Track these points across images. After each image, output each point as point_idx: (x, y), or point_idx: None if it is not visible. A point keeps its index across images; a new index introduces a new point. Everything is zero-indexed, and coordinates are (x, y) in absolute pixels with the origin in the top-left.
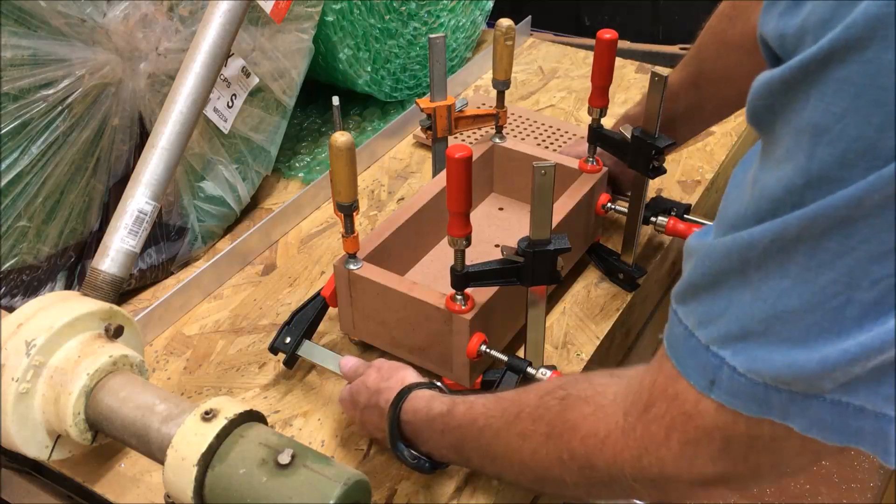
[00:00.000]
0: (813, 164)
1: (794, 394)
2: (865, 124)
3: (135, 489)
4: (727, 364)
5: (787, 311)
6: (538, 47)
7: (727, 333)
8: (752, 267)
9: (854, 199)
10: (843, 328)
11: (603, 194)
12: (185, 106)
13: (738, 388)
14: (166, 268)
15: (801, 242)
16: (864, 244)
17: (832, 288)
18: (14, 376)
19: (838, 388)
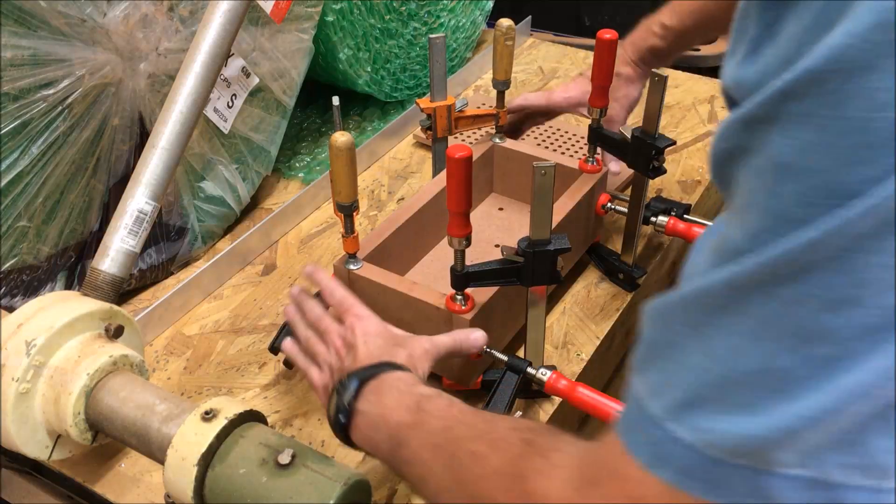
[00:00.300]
0: (774, 203)
1: (747, 469)
2: (829, 158)
3: (135, 489)
4: (677, 438)
5: (740, 373)
6: (538, 47)
7: (677, 401)
8: (704, 322)
9: (812, 243)
10: (796, 389)
11: (603, 194)
12: (185, 106)
13: (690, 465)
14: (166, 268)
15: (756, 290)
16: (822, 291)
17: (786, 342)
18: (14, 376)
19: (802, 459)
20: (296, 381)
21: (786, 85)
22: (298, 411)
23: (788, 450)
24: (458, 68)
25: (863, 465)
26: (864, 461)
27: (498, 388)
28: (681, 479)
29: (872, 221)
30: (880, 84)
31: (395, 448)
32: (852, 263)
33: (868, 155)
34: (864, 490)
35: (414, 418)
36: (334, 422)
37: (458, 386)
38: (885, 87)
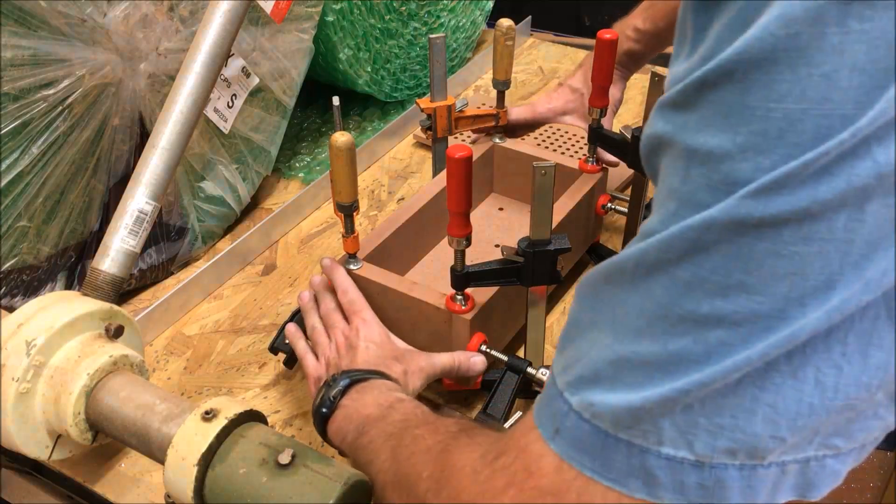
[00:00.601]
0: (685, 187)
1: (632, 445)
2: (731, 144)
3: (135, 489)
4: (573, 409)
5: (637, 354)
6: (538, 47)
7: (580, 377)
8: (614, 301)
9: (707, 224)
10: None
11: (603, 194)
12: (185, 106)
13: (580, 436)
14: (166, 268)
15: (657, 271)
16: (715, 275)
17: (682, 326)
18: (14, 376)
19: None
20: (296, 381)
21: (703, 74)
22: (298, 411)
23: (665, 425)
24: (458, 68)
25: (738, 447)
26: (739, 443)
27: (498, 388)
28: (571, 451)
29: (759, 209)
30: (780, 76)
31: (357, 437)
32: (741, 249)
33: (763, 144)
34: (740, 469)
35: (380, 412)
36: (316, 411)
37: (458, 386)
38: (785, 80)
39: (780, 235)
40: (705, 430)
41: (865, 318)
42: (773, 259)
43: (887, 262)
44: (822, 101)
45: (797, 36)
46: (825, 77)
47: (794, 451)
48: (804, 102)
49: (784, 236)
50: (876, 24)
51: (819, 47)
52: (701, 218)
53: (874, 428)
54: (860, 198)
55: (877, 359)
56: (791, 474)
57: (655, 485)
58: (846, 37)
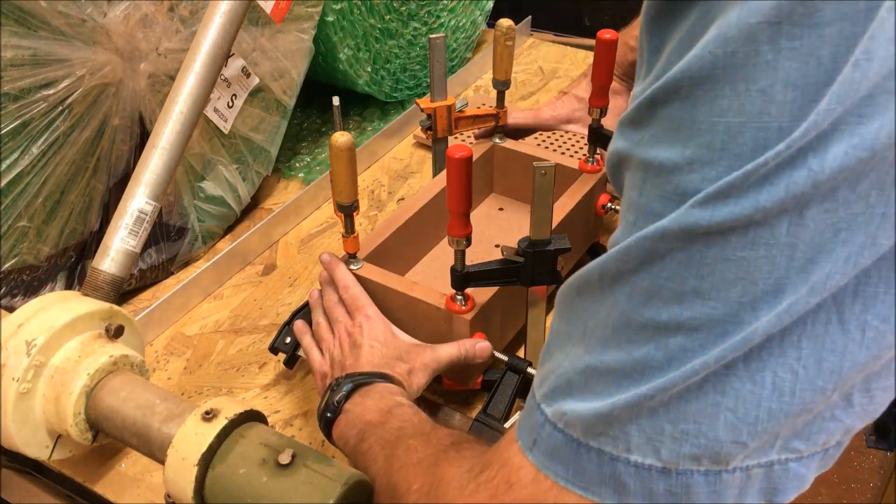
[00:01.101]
0: (641, 198)
1: (602, 453)
2: (680, 157)
3: (135, 489)
4: (548, 420)
5: (603, 363)
6: (538, 47)
7: (554, 388)
8: (583, 312)
9: (660, 232)
10: (645, 379)
11: (603, 194)
12: (185, 106)
13: (554, 445)
14: (166, 268)
15: (617, 281)
16: (670, 282)
17: (643, 334)
18: (14, 376)
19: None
20: (296, 381)
21: (653, 92)
22: (298, 411)
23: (633, 431)
24: (458, 68)
25: (702, 452)
26: (703, 449)
27: (498, 388)
28: (546, 461)
29: (705, 218)
30: (721, 92)
31: (357, 443)
32: (692, 256)
33: (708, 156)
34: (706, 475)
35: (381, 419)
36: (321, 416)
37: (458, 386)
38: (725, 95)
39: (727, 242)
40: (671, 436)
41: (818, 322)
42: (724, 265)
43: (831, 265)
44: (760, 115)
45: (734, 54)
46: (761, 92)
47: (757, 456)
48: (743, 116)
49: (731, 243)
50: (805, 41)
51: (754, 64)
52: (654, 228)
53: (833, 430)
54: (799, 204)
55: (830, 362)
56: (756, 479)
57: (625, 492)
58: (778, 54)
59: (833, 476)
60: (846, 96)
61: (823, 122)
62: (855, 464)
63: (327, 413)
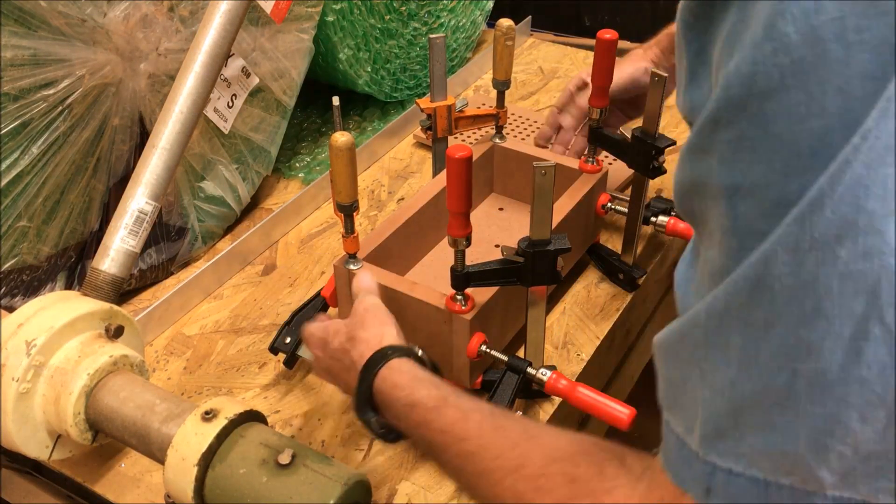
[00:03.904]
0: (738, 221)
1: (795, 490)
2: (770, 171)
3: (135, 489)
4: (719, 468)
5: (745, 399)
6: (538, 47)
7: (707, 435)
8: (699, 356)
9: (764, 257)
10: (798, 405)
11: (603, 194)
12: (185, 106)
13: (736, 490)
14: (166, 268)
15: (732, 316)
16: (789, 306)
17: (775, 363)
18: (14, 376)
19: (838, 482)
20: (296, 381)
21: (713, 114)
22: (298, 411)
23: (827, 469)
24: (458, 68)
25: (890, 489)
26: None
27: (498, 389)
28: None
29: (807, 233)
30: (797, 99)
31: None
32: (804, 276)
33: (801, 164)
34: None
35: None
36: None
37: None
38: (802, 102)
39: (838, 257)
40: (863, 473)
41: None
42: (840, 281)
43: None
44: (843, 114)
45: (802, 60)
46: (839, 90)
47: None
48: (825, 118)
49: (843, 257)
50: (873, 31)
51: (825, 64)
52: (759, 255)
53: None
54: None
55: None
56: None
57: None
58: (849, 49)
59: None
60: None
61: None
62: None
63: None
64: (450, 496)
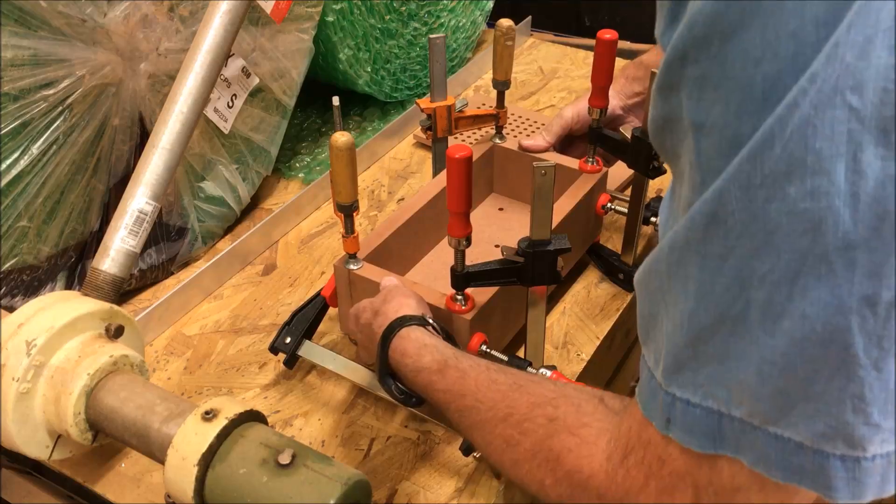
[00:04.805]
0: (701, 157)
1: (745, 423)
2: (727, 112)
3: (135, 489)
4: (678, 398)
5: (702, 329)
6: (538, 47)
7: (668, 367)
8: (664, 288)
9: (718, 193)
10: (752, 333)
11: (603, 194)
12: (185, 106)
13: (692, 421)
14: (166, 268)
15: (690, 250)
16: (741, 240)
17: (730, 293)
18: (14, 376)
19: (777, 416)
20: (296, 381)
21: (680, 50)
22: (298, 411)
23: (770, 403)
24: (458, 68)
25: (834, 433)
26: (834, 430)
27: None
28: (686, 436)
29: (758, 169)
30: (752, 42)
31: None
32: (755, 211)
33: (754, 107)
34: (843, 460)
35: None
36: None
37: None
38: (756, 45)
39: (786, 195)
40: (803, 414)
41: None
42: (789, 219)
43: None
44: (794, 59)
45: (760, 3)
46: (793, 36)
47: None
48: (778, 63)
49: (791, 195)
50: None
51: (782, 9)
52: (713, 190)
53: None
54: (851, 147)
55: None
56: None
57: (769, 462)
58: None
59: None
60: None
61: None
62: None
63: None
64: (450, 496)
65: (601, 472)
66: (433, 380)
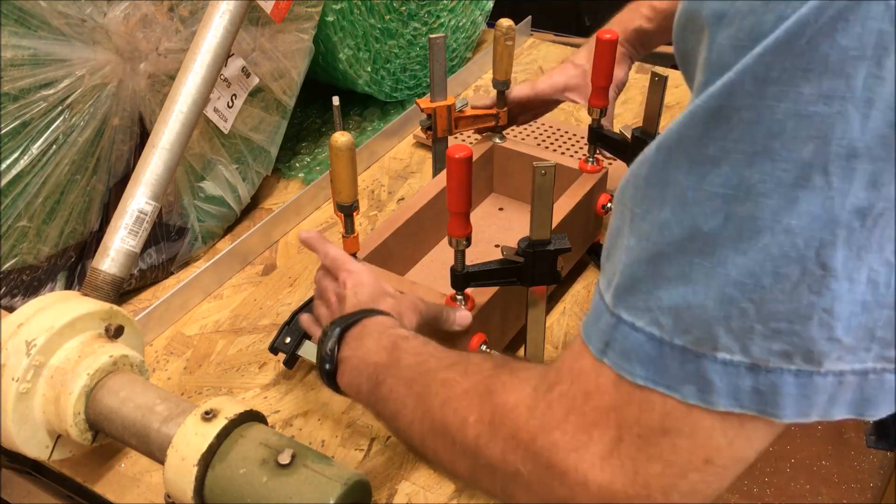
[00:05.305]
0: (712, 53)
1: (686, 351)
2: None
3: (135, 489)
4: (623, 321)
5: (669, 245)
6: (538, 47)
7: (620, 286)
8: (637, 198)
9: (729, 86)
10: (721, 252)
11: (603, 194)
12: (185, 106)
13: (631, 346)
14: (166, 268)
15: (681, 150)
16: (740, 143)
17: (711, 204)
18: (14, 376)
19: (732, 341)
20: (296, 381)
21: None
22: (298, 411)
23: (725, 327)
24: (458, 68)
25: (794, 350)
26: (794, 346)
27: None
28: (622, 362)
29: (778, 62)
30: None
31: (373, 388)
32: (762, 110)
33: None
34: (796, 375)
35: (390, 357)
36: (320, 370)
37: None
38: None
39: (800, 94)
40: (761, 334)
41: None
42: (795, 121)
43: None
44: None
45: None
46: None
47: (851, 360)
48: None
49: (804, 95)
50: None
51: None
52: (721, 84)
53: None
54: (878, 50)
55: None
56: (848, 387)
57: (710, 390)
58: None
59: (833, 476)
60: None
61: None
62: (855, 464)
63: (325, 365)
64: (450, 496)
65: (523, 405)
66: (397, 341)
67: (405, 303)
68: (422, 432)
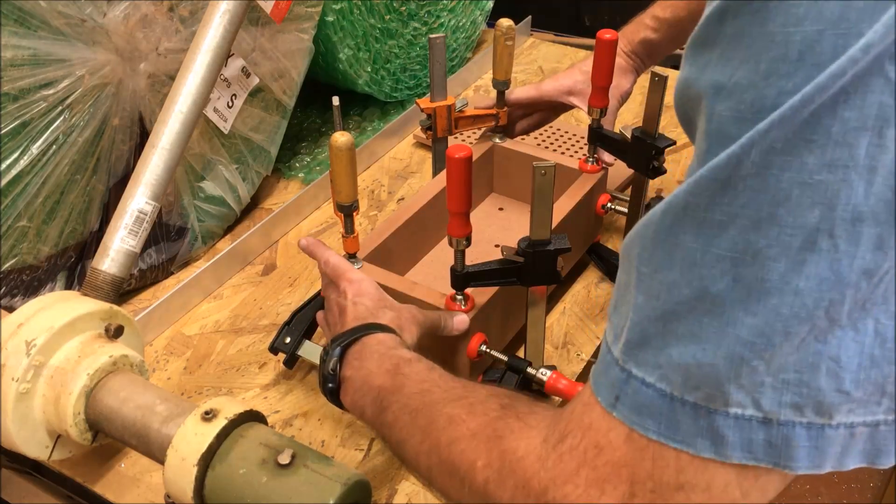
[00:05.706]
0: (712, 124)
1: (698, 407)
2: (754, 73)
3: (135, 489)
4: (633, 376)
5: (678, 304)
6: (538, 47)
7: (629, 342)
8: (644, 257)
9: (734, 158)
10: (729, 312)
11: (603, 194)
12: (185, 106)
13: (643, 401)
14: (166, 268)
15: (689, 215)
16: (746, 209)
17: (718, 267)
18: (14, 376)
19: (743, 398)
20: (296, 381)
21: (720, 6)
22: (298, 411)
23: (735, 384)
24: (458, 68)
25: (804, 402)
26: (805, 398)
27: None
28: (634, 416)
29: (782, 135)
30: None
31: (377, 413)
32: (768, 179)
33: (785, 69)
34: (808, 428)
35: (393, 382)
36: (323, 390)
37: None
38: (802, 2)
39: (804, 165)
40: (771, 387)
41: None
42: (801, 189)
43: None
44: (839, 21)
45: None
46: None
47: (863, 412)
48: (821, 23)
49: (808, 165)
50: None
51: None
52: (727, 155)
53: None
54: (879, 122)
55: None
56: (860, 439)
57: (723, 444)
58: None
59: (833, 476)
60: None
61: None
62: None
63: (328, 384)
64: None
65: (533, 455)
66: (400, 364)
67: (405, 315)
68: (429, 465)
